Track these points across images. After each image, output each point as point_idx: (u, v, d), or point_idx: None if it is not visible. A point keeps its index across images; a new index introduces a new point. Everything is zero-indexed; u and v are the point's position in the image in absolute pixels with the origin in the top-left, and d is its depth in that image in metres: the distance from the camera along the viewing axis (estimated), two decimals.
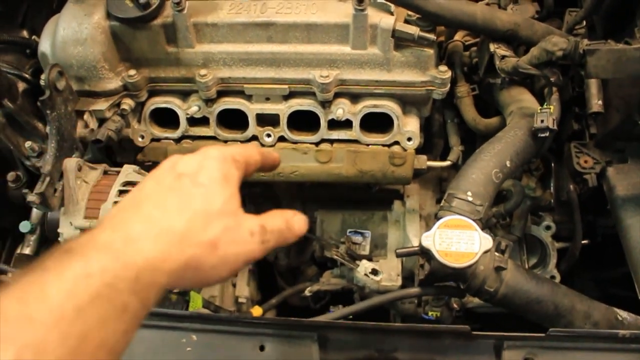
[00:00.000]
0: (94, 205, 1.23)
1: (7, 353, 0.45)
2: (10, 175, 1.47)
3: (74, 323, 0.49)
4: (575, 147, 1.40)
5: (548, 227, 1.41)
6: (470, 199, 1.07)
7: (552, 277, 1.40)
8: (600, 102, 1.31)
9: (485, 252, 0.98)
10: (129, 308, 0.53)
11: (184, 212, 0.61)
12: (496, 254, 1.05)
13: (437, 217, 1.08)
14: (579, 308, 1.08)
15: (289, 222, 0.71)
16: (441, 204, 1.11)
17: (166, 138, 1.40)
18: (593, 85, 1.31)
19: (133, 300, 0.53)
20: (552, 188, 1.51)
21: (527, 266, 1.45)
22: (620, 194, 1.33)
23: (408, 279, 1.57)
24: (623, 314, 1.13)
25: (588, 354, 0.96)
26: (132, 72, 1.31)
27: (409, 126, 1.36)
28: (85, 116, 1.28)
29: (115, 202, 1.21)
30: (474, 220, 1.04)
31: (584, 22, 1.38)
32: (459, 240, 0.98)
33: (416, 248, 1.02)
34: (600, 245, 1.55)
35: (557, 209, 1.49)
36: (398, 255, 1.07)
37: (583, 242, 1.43)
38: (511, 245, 1.07)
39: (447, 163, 1.46)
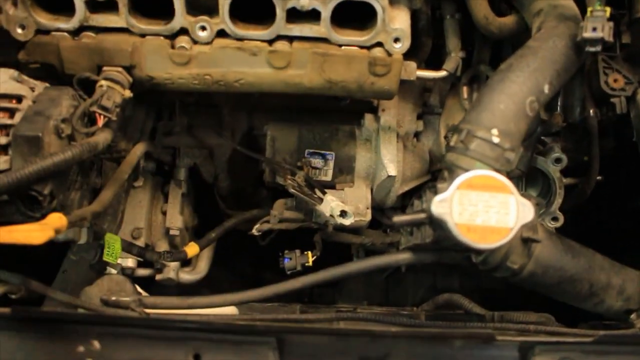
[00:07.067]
0: None
1: None
2: None
3: None
4: (603, 60, 1.10)
5: (558, 160, 1.13)
6: (496, 140, 0.75)
7: (555, 218, 1.14)
8: None
9: (523, 226, 0.68)
10: None
11: None
12: None
13: (447, 164, 0.76)
14: (615, 283, 0.85)
15: None
16: (452, 143, 0.79)
17: (58, 29, 1.00)
18: None
19: None
20: (559, 108, 1.22)
21: None
22: None
23: (376, 209, 1.30)
24: None
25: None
26: None
27: (397, 22, 1.05)
28: None
29: None
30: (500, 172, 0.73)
31: None
32: (488, 208, 0.67)
33: (422, 216, 0.70)
34: None
35: (563, 134, 1.21)
36: (397, 225, 0.77)
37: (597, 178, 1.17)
38: (543, 203, 0.78)
39: (442, 73, 1.17)
